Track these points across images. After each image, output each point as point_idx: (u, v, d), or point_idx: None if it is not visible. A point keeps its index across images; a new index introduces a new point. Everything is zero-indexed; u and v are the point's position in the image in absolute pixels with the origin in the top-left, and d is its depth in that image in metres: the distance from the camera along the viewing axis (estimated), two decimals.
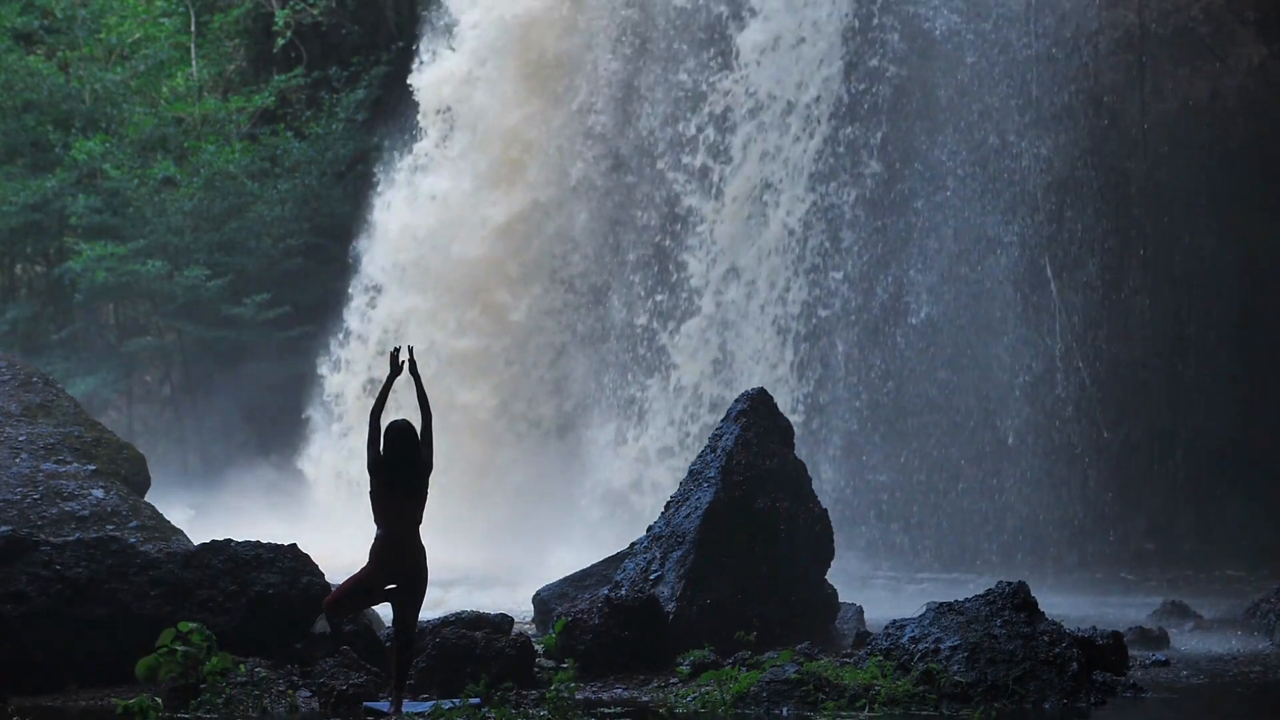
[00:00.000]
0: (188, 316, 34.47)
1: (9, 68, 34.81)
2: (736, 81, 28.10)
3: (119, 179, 34.14)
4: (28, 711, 11.90)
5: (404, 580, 11.58)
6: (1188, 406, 25.86)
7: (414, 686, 12.63)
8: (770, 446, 15.56)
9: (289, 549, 13.88)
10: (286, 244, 34.73)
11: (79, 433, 17.36)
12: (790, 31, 27.62)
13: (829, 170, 26.77)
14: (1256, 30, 26.16)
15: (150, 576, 13.40)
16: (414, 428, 11.70)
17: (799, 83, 27.39)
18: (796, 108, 27.26)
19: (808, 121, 27.17)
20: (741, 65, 27.98)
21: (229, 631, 13.00)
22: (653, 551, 15.17)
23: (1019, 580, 13.08)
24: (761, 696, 12.07)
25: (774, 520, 15.13)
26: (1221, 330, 25.67)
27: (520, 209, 30.37)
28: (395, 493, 11.58)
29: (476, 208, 30.38)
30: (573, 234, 30.20)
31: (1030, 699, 11.98)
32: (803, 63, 27.39)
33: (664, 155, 28.95)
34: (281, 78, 35.80)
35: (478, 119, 31.04)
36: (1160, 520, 25.77)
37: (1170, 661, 14.82)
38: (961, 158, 25.97)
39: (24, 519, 15.37)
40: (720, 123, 28.05)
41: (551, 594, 16.62)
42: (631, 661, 13.77)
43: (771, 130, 27.35)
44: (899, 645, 12.63)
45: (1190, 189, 25.79)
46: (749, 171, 27.38)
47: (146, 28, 36.23)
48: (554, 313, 30.21)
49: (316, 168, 34.92)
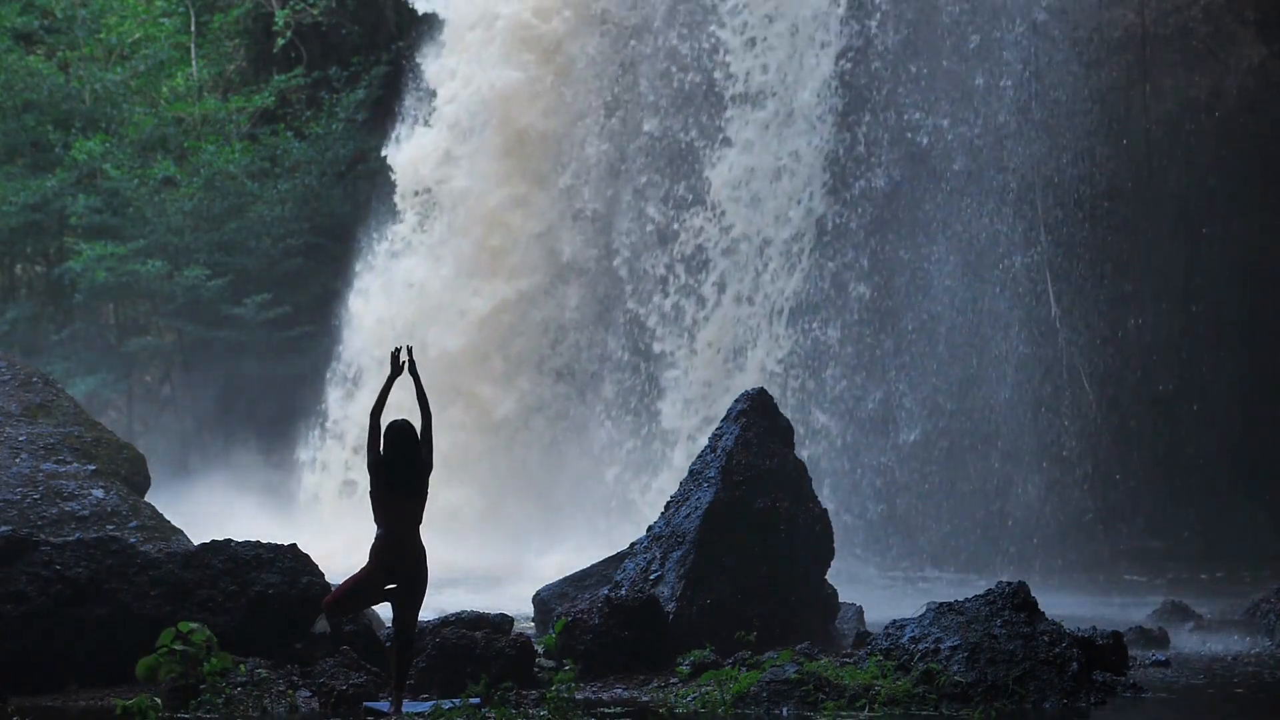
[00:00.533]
0: (188, 316, 34.46)
1: (9, 68, 34.81)
2: (709, 220, 27.00)
3: (119, 179, 34.14)
4: (28, 711, 11.90)
5: (404, 580, 11.58)
6: (1189, 406, 25.86)
7: (414, 686, 12.63)
8: (770, 446, 15.55)
9: (289, 549, 13.88)
10: (286, 244, 34.72)
11: (79, 433, 17.36)
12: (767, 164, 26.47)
13: (811, 305, 25.76)
14: (1256, 30, 26.17)
15: (150, 576, 13.40)
16: (414, 427, 11.71)
17: (777, 216, 26.25)
18: (774, 243, 26.19)
19: (788, 257, 26.11)
20: (714, 204, 26.88)
21: (229, 631, 13.00)
22: (653, 551, 15.17)
23: (1019, 580, 13.08)
24: (761, 696, 12.07)
25: (774, 520, 15.12)
26: (1223, 330, 25.68)
27: (504, 298, 29.09)
28: (395, 492, 11.59)
29: (457, 297, 29.08)
30: (561, 321, 29.07)
31: (1030, 699, 11.98)
32: (780, 197, 26.25)
33: (634, 294, 27.94)
34: (281, 78, 35.79)
35: (458, 201, 29.88)
36: (1161, 520, 25.78)
37: (1170, 661, 14.82)
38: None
39: (24, 519, 15.36)
40: (691, 262, 27.03)
41: (551, 594, 16.62)
42: (631, 661, 13.77)
43: (748, 270, 26.20)
44: (899, 645, 12.63)
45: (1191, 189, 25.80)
46: (724, 315, 26.25)
47: (146, 28, 36.22)
48: (543, 407, 28.90)
49: (316, 168, 34.91)
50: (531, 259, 29.36)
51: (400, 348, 11.93)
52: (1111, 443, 25.44)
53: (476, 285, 29.32)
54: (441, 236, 30.09)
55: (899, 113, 26.06)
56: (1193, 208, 25.89)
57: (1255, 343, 25.52)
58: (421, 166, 30.50)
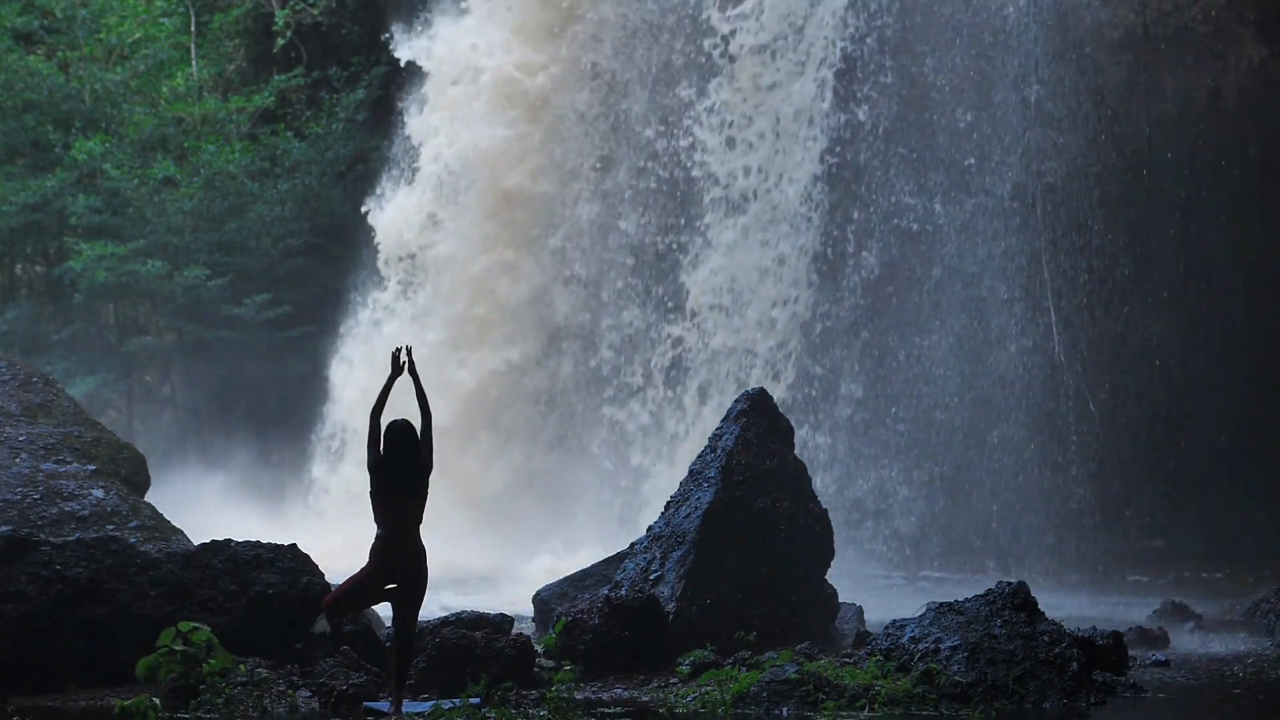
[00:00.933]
0: (188, 316, 34.45)
1: (9, 68, 34.81)
2: (687, 330, 26.20)
3: (119, 179, 34.13)
4: (28, 711, 11.89)
5: (404, 580, 11.58)
6: (1190, 406, 25.85)
7: (414, 686, 12.63)
8: (770, 446, 15.55)
9: (289, 549, 13.88)
10: (286, 244, 34.71)
11: (79, 433, 17.35)
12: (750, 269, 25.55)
13: (799, 407, 24.92)
14: (1256, 30, 26.16)
15: (150, 576, 13.40)
16: (414, 427, 11.72)
17: (760, 322, 25.38)
18: (759, 354, 25.41)
19: (771, 365, 25.32)
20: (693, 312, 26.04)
21: (229, 631, 13.00)
22: (653, 551, 15.17)
23: (1019, 580, 13.09)
24: (761, 696, 12.07)
25: (774, 520, 15.12)
26: (1223, 329, 25.67)
27: (493, 369, 27.69)
28: (395, 492, 11.59)
29: (442, 369, 26.95)
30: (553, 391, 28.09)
31: (1030, 699, 11.98)
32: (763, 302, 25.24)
33: (611, 399, 27.10)
34: (281, 78, 35.78)
35: (442, 268, 28.66)
36: (1161, 520, 25.78)
37: (1170, 661, 14.81)
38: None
39: (24, 519, 15.35)
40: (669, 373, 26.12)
41: (551, 594, 16.61)
42: (631, 661, 13.76)
43: (729, 383, 25.22)
44: (899, 645, 12.63)
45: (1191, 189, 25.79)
46: (704, 428, 24.22)
47: (146, 28, 36.23)
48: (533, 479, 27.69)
49: (316, 168, 34.90)
50: (521, 327, 28.08)
51: (400, 348, 11.96)
52: (1112, 443, 25.43)
53: (463, 356, 28.11)
54: (426, 304, 28.93)
55: (889, 196, 25.40)
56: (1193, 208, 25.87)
57: (1255, 342, 25.52)
58: (405, 230, 29.21)
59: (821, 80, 25.75)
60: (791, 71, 26.07)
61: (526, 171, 28.42)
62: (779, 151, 25.92)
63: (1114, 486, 25.45)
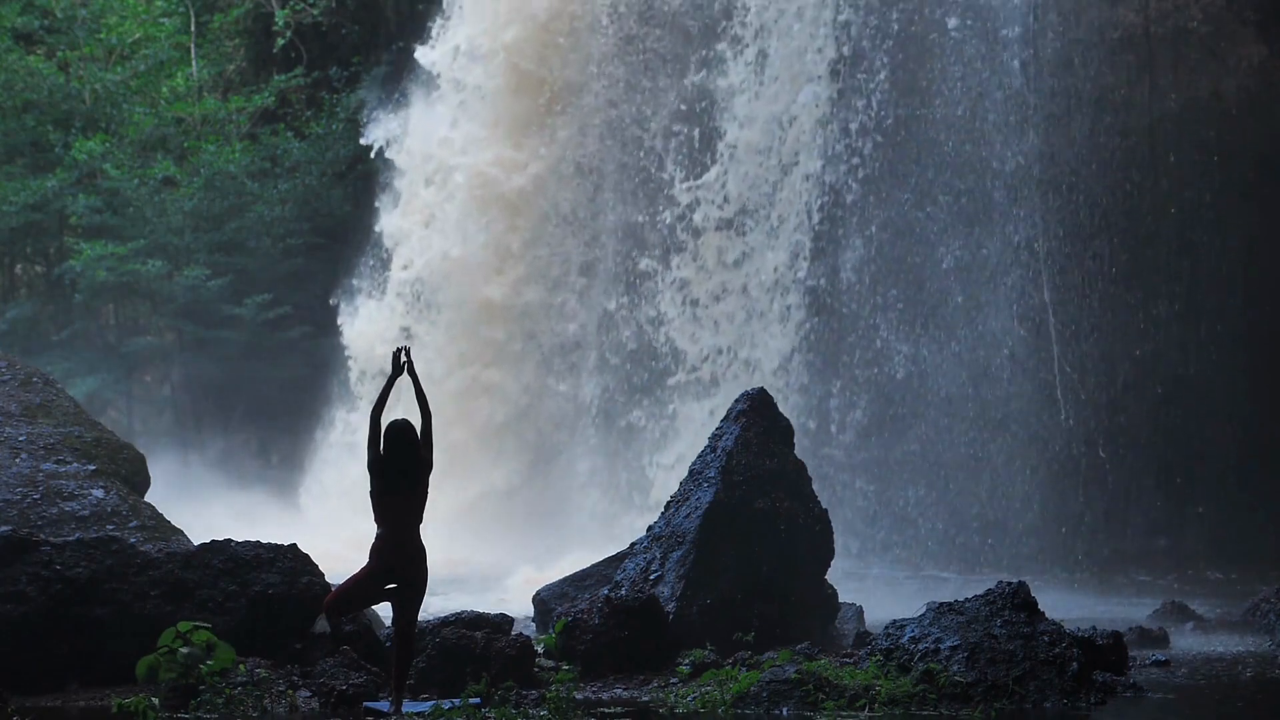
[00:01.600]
0: (188, 316, 34.47)
1: (9, 68, 34.82)
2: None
3: (119, 179, 34.14)
4: (28, 711, 11.88)
5: (404, 580, 11.57)
6: (1190, 406, 25.83)
7: (414, 686, 12.62)
8: (770, 446, 15.55)
9: (289, 549, 13.87)
10: (286, 244, 34.71)
11: (79, 433, 17.34)
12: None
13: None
14: (1256, 30, 26.15)
15: (150, 576, 13.39)
16: (414, 427, 11.72)
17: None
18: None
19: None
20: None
21: (229, 631, 12.98)
22: (653, 551, 15.17)
23: (1019, 580, 13.07)
24: (761, 696, 12.06)
25: (774, 520, 15.12)
26: (1225, 329, 25.65)
27: (476, 494, 25.86)
28: (395, 492, 11.58)
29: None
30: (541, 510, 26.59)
31: (1030, 699, 11.97)
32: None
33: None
34: (281, 78, 35.79)
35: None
36: (1162, 520, 25.75)
37: (1170, 661, 14.81)
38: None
39: (24, 519, 15.35)
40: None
41: (551, 594, 16.61)
42: (631, 662, 13.76)
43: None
44: (899, 645, 12.62)
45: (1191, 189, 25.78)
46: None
47: (146, 28, 36.24)
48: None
49: (316, 168, 34.90)
50: (506, 451, 26.48)
51: (401, 348, 11.96)
52: (1112, 443, 25.43)
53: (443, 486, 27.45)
54: None
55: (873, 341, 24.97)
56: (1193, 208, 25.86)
57: (1256, 342, 25.49)
58: (376, 345, 27.46)
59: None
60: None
61: (505, 283, 26.57)
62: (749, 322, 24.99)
63: (1114, 486, 25.45)
